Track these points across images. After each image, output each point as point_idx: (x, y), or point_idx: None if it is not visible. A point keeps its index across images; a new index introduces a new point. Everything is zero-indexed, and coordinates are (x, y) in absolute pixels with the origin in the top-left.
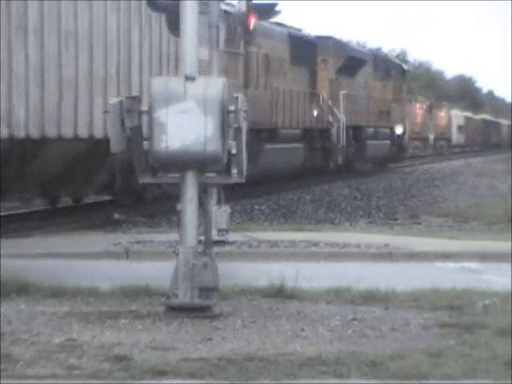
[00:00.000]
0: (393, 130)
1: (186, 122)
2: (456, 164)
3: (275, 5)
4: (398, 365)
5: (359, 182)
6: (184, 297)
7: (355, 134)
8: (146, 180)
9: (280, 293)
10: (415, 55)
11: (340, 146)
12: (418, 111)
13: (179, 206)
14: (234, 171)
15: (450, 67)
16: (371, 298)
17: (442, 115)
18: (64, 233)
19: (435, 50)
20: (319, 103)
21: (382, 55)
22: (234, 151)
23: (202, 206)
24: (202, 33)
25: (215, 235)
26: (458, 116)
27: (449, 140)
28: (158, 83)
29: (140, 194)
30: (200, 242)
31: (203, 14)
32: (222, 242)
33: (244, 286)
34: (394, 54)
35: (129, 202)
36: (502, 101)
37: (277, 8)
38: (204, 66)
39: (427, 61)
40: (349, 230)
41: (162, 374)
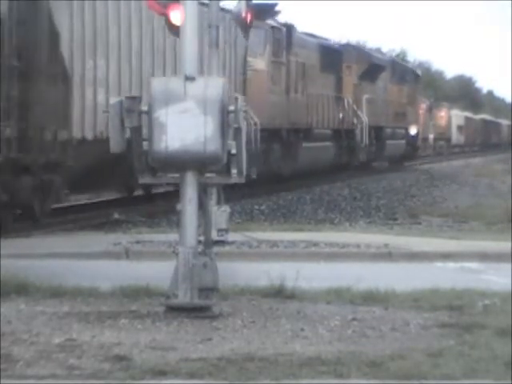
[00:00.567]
0: (407, 130)
1: (185, 122)
2: (456, 164)
3: (275, 5)
4: (397, 365)
5: (359, 182)
6: (184, 297)
7: (376, 134)
8: (145, 180)
9: (280, 293)
10: (415, 55)
11: (363, 145)
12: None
13: (179, 206)
14: (234, 171)
15: (450, 67)
16: (371, 298)
17: (441, 115)
18: (64, 233)
19: (435, 49)
20: (345, 106)
21: (399, 61)
22: (233, 151)
23: (202, 206)
24: (255, 46)
25: (215, 235)
26: (457, 116)
27: (449, 140)
28: (157, 83)
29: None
30: (200, 242)
31: (258, 28)
32: (222, 242)
33: (244, 286)
34: (394, 53)
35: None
36: (502, 101)
37: (276, 8)
38: (260, 75)
39: (427, 61)
40: (349, 230)
41: (162, 374)
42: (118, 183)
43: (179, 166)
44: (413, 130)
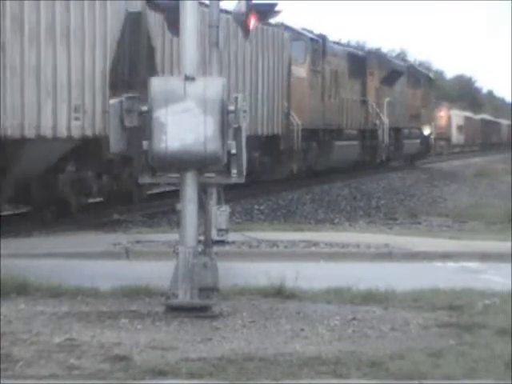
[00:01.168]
0: (421, 131)
1: (185, 121)
2: (456, 164)
3: (275, 5)
4: (397, 365)
5: (359, 182)
6: (184, 297)
7: (395, 134)
8: (145, 180)
9: (280, 293)
10: (415, 55)
11: (384, 144)
12: None
13: (179, 206)
14: (234, 171)
15: (450, 67)
16: (371, 297)
17: (441, 115)
18: (64, 233)
19: (435, 50)
20: (368, 109)
21: (414, 66)
22: (233, 151)
23: (202, 206)
24: (297, 56)
25: (215, 235)
26: (457, 116)
27: (449, 140)
28: (157, 83)
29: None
30: (200, 241)
31: (299, 40)
32: (222, 242)
33: (244, 286)
34: (394, 54)
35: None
36: (502, 100)
37: (276, 8)
38: (301, 82)
39: (427, 61)
40: (348, 229)
41: (162, 374)
42: None
43: (179, 166)
44: (426, 131)
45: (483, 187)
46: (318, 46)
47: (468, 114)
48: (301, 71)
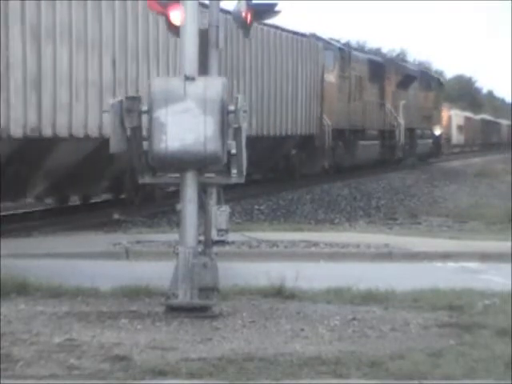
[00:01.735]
0: (433, 131)
1: (185, 121)
2: (456, 164)
3: (275, 5)
4: (397, 365)
5: (359, 181)
6: (184, 297)
7: (409, 134)
8: (145, 180)
9: (280, 293)
10: (415, 55)
11: (400, 143)
12: None
13: (179, 206)
14: (234, 171)
15: (450, 67)
16: (371, 298)
17: (442, 115)
18: (64, 233)
19: (435, 49)
20: (386, 111)
21: (426, 71)
22: (233, 151)
23: (202, 206)
24: (328, 64)
25: (215, 235)
26: (457, 116)
27: (449, 140)
28: (157, 83)
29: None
30: (200, 242)
31: (329, 50)
32: (222, 242)
33: (244, 286)
34: (394, 54)
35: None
36: (502, 101)
37: (276, 8)
38: (332, 87)
39: (427, 61)
40: (348, 230)
41: (162, 374)
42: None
43: (179, 166)
44: (437, 131)
45: (483, 187)
46: (345, 54)
47: (468, 114)
48: (331, 77)
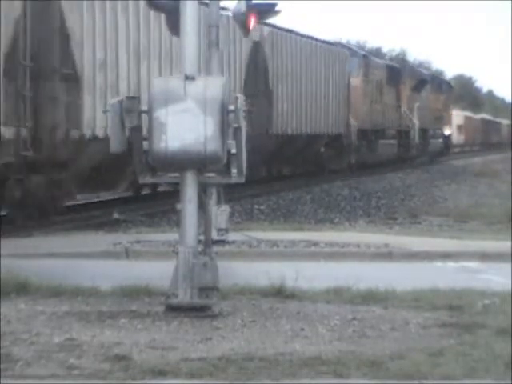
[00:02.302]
0: (443, 131)
1: (185, 121)
2: (456, 163)
3: (275, 5)
4: (397, 365)
5: (359, 181)
6: (184, 296)
7: (423, 134)
8: (145, 180)
9: (280, 292)
10: (415, 55)
11: (415, 142)
12: None
13: (179, 206)
14: (234, 171)
15: (450, 67)
16: (371, 297)
17: None
18: (64, 233)
19: (435, 49)
20: (402, 112)
21: (437, 75)
22: (233, 151)
23: (202, 205)
24: (353, 70)
25: (215, 235)
26: (457, 115)
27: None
28: (157, 83)
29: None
30: (200, 241)
31: (354, 57)
32: (222, 242)
33: (244, 286)
34: (394, 53)
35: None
36: (502, 100)
37: (276, 8)
38: (357, 91)
39: (427, 61)
40: (348, 229)
41: (162, 373)
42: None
43: (179, 166)
44: (447, 131)
45: (483, 187)
46: (368, 61)
47: (468, 113)
48: (356, 82)
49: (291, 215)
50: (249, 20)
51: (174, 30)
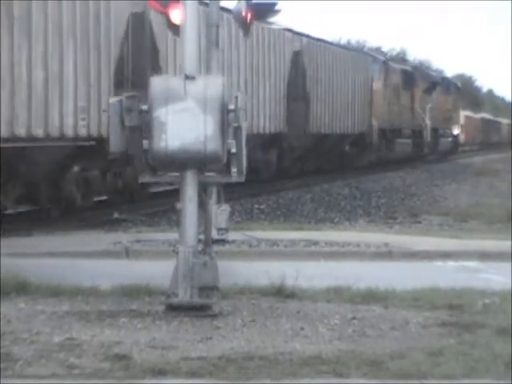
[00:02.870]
0: (452, 131)
1: (185, 121)
2: (456, 163)
3: (274, 4)
4: (397, 364)
5: (359, 181)
6: (184, 296)
7: (434, 133)
8: (145, 179)
9: (280, 292)
10: (415, 55)
11: (427, 141)
12: None
13: (179, 205)
14: (234, 170)
15: (449, 67)
16: (371, 297)
17: None
18: (64, 232)
19: (435, 49)
20: (415, 113)
21: (446, 77)
22: (233, 150)
23: (202, 205)
24: (375, 75)
25: (215, 234)
26: None
27: None
28: (157, 82)
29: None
30: (200, 241)
31: (376, 63)
32: (222, 241)
33: (244, 285)
34: (394, 53)
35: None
36: (502, 100)
37: (276, 8)
38: (378, 94)
39: (427, 60)
40: (348, 229)
41: (162, 373)
42: None
43: (179, 165)
44: (456, 131)
45: (483, 186)
46: (387, 66)
47: (468, 113)
48: (377, 86)
49: (291, 215)
50: (249, 19)
51: (175, 29)
